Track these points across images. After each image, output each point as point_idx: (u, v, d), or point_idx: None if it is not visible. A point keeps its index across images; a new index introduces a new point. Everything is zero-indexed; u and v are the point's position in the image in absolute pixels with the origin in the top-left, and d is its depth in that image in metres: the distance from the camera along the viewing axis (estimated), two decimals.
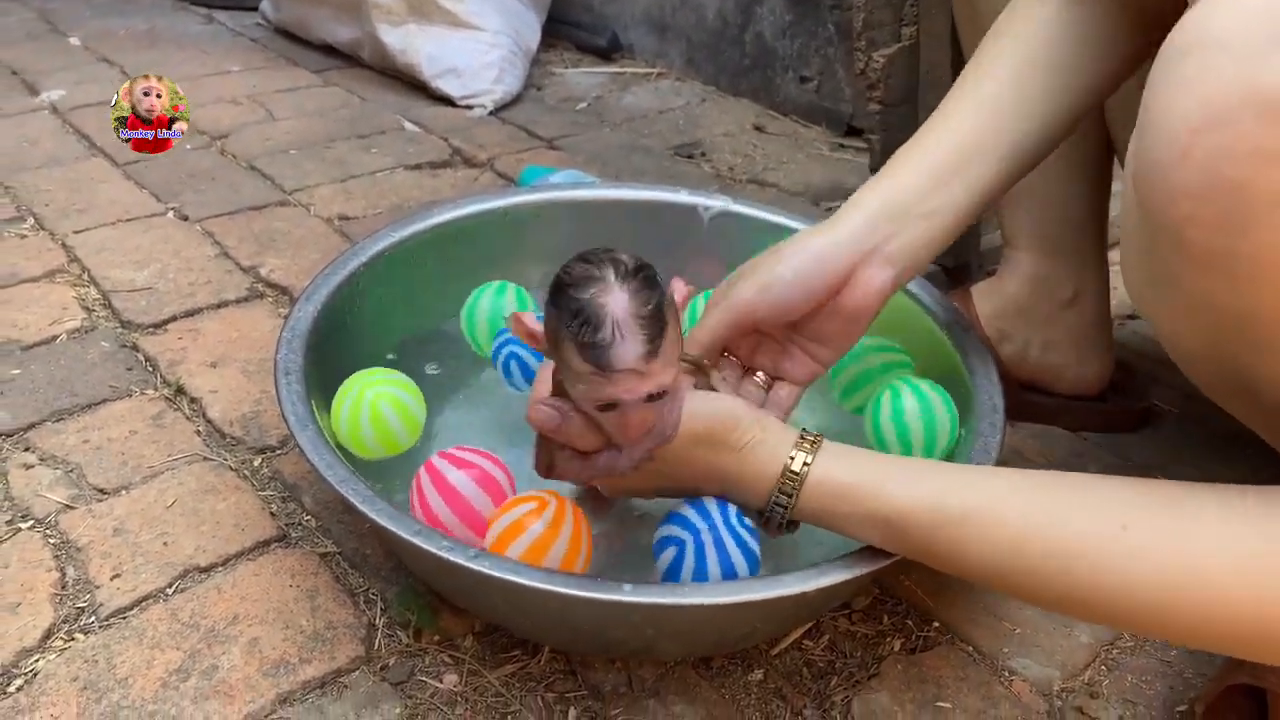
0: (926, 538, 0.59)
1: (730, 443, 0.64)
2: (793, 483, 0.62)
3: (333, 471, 0.67)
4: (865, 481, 0.61)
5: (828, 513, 0.63)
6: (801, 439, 0.63)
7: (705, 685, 0.71)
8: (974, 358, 0.84)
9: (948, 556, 0.59)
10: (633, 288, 0.56)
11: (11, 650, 0.71)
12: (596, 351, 0.55)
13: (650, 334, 0.56)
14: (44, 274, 1.16)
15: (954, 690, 0.72)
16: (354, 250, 0.92)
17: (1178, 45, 0.44)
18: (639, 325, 0.55)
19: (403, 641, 0.73)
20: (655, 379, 0.57)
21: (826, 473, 0.62)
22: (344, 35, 1.90)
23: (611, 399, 0.57)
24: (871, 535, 0.62)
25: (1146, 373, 1.07)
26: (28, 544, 0.80)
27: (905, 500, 0.60)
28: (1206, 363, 0.53)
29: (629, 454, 0.64)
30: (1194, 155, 0.42)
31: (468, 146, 1.57)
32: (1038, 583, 0.56)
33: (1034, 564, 0.55)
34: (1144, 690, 0.73)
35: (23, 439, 0.91)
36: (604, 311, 0.55)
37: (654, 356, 0.56)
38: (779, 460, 0.63)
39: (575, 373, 0.57)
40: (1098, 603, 0.54)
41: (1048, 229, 0.94)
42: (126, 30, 2.05)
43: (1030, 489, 0.58)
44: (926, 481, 0.61)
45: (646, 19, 1.98)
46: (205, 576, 0.78)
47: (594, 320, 0.55)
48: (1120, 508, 0.54)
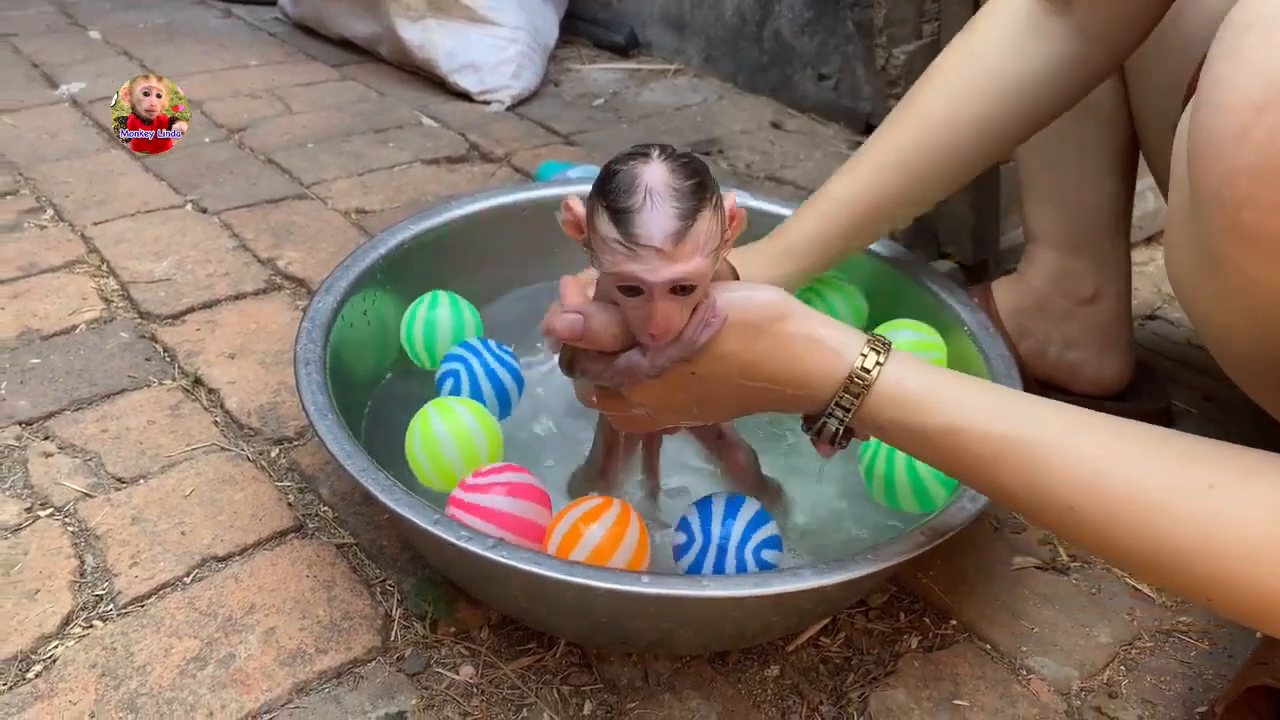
0: (996, 459, 0.55)
1: (779, 335, 0.58)
2: (861, 384, 0.57)
3: (352, 461, 0.67)
4: (939, 393, 0.57)
5: (893, 423, 0.58)
6: (873, 338, 0.59)
7: (721, 680, 0.71)
8: (994, 355, 0.83)
9: (1014, 485, 0.55)
10: (673, 165, 0.54)
11: (31, 636, 0.71)
12: (624, 216, 0.53)
13: (682, 209, 0.53)
14: (63, 264, 1.17)
15: (971, 688, 0.72)
16: (373, 243, 0.92)
17: (1239, 22, 0.43)
18: (673, 196, 0.53)
19: (419, 633, 0.73)
20: (682, 264, 0.53)
21: (898, 378, 0.57)
22: (362, 30, 1.90)
23: (633, 278, 0.54)
24: (936, 451, 0.58)
25: (1166, 373, 1.07)
26: (47, 531, 0.80)
27: (981, 417, 0.56)
28: (1248, 352, 0.52)
29: (652, 357, 0.59)
30: (1254, 133, 0.41)
31: (485, 141, 1.57)
32: (1108, 529, 0.52)
33: (1109, 507, 0.51)
34: (1163, 691, 0.72)
35: (42, 427, 0.91)
36: (640, 179, 0.53)
37: (683, 237, 0.53)
38: (845, 360, 0.58)
39: (603, 241, 0.54)
40: (1170, 564, 0.50)
41: (1071, 226, 0.94)
42: (145, 24, 2.06)
43: (1113, 427, 0.54)
44: (1005, 402, 0.57)
45: (665, 16, 1.98)
46: (223, 566, 0.78)
47: (627, 185, 0.53)
48: (1209, 466, 0.50)
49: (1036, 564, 0.82)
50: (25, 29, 1.98)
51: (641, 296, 0.55)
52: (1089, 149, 0.90)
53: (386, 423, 0.85)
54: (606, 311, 0.59)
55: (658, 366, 0.59)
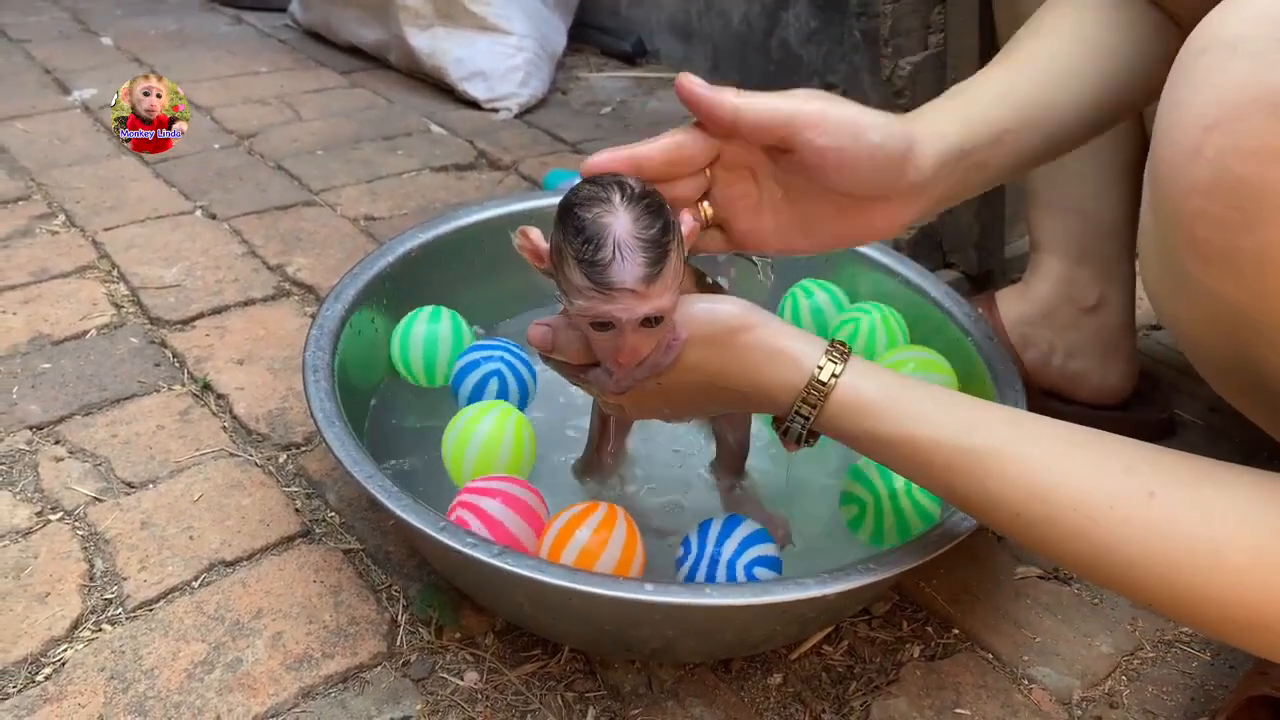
0: (949, 466, 0.57)
1: (740, 347, 0.60)
2: (818, 394, 0.59)
3: (359, 467, 0.67)
4: (894, 401, 0.59)
5: (850, 430, 0.60)
6: (831, 347, 0.60)
7: (724, 688, 0.72)
8: (998, 364, 0.84)
9: (966, 491, 0.57)
10: (637, 211, 0.56)
11: (40, 640, 0.72)
12: (596, 269, 0.55)
13: (651, 257, 0.55)
14: (74, 270, 1.18)
15: (973, 697, 0.72)
16: (381, 250, 0.93)
17: (1194, 47, 0.45)
18: (640, 247, 0.55)
19: (424, 638, 0.74)
20: (653, 301, 0.56)
21: (854, 387, 0.59)
22: (371, 37, 1.91)
23: (608, 317, 0.56)
24: (891, 457, 0.60)
25: (1170, 383, 1.07)
26: (57, 535, 0.81)
27: (934, 425, 0.58)
28: (1219, 359, 0.53)
29: (617, 378, 0.62)
30: (1205, 152, 0.43)
31: (493, 149, 1.58)
32: (1055, 535, 0.54)
33: (1055, 515, 0.54)
34: (1164, 701, 0.73)
35: (53, 432, 0.92)
36: (607, 232, 0.55)
37: (654, 280, 0.55)
38: (804, 369, 0.60)
39: (575, 288, 0.56)
40: (1113, 571, 0.53)
41: (1077, 234, 0.94)
42: (157, 30, 2.07)
43: (1063, 438, 0.56)
44: (958, 410, 0.59)
45: (672, 24, 1.99)
46: (230, 571, 0.79)
47: (596, 238, 0.55)
48: (1151, 473, 0.52)
49: (1039, 573, 0.83)
50: (38, 35, 2.00)
51: (612, 330, 0.57)
52: (1098, 158, 0.91)
53: (384, 428, 0.86)
54: (572, 329, 0.61)
55: (622, 386, 0.62)
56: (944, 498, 0.60)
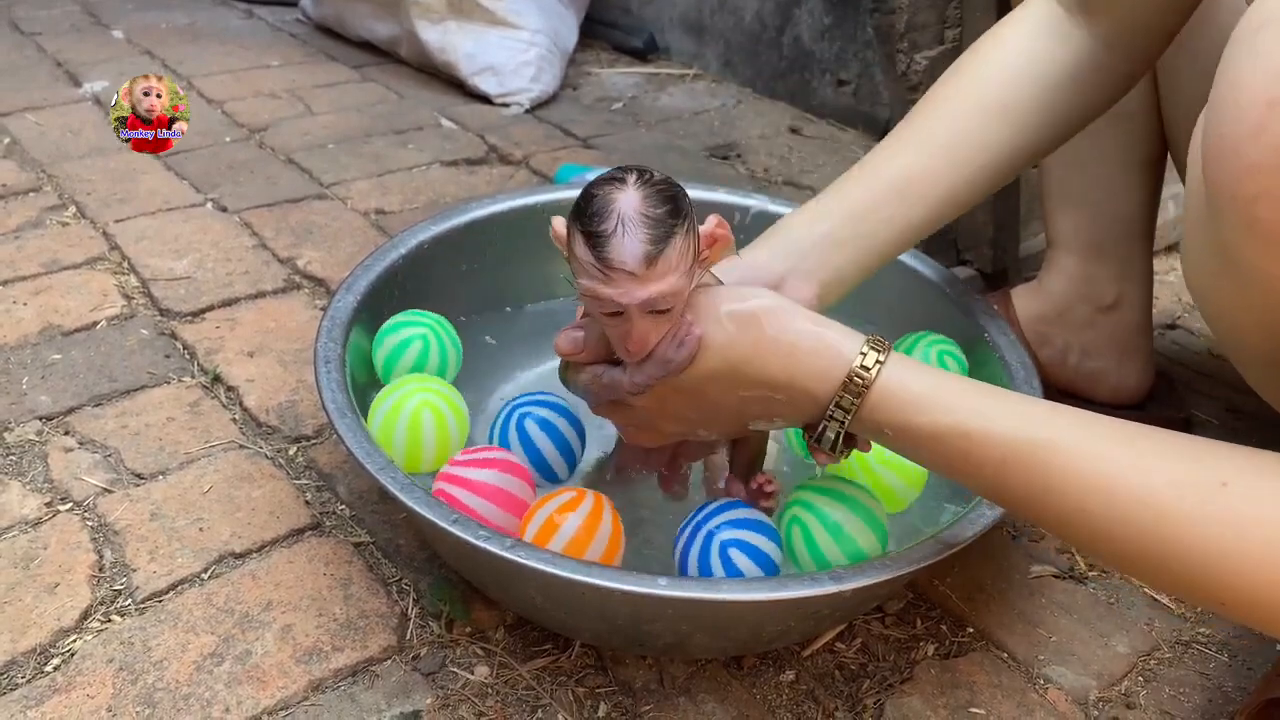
0: (1004, 460, 0.54)
1: (772, 338, 0.58)
2: (860, 384, 0.56)
3: (371, 459, 0.67)
4: (944, 393, 0.56)
5: (895, 422, 0.56)
6: (871, 339, 0.58)
7: (736, 684, 0.71)
8: (1014, 362, 0.83)
9: (1023, 486, 0.54)
10: (648, 190, 0.55)
11: (49, 630, 0.71)
12: (597, 241, 0.54)
13: (654, 234, 0.54)
14: (85, 261, 1.17)
15: (988, 697, 0.71)
16: (393, 242, 0.92)
17: (1253, 23, 0.44)
18: (644, 223, 0.54)
19: (435, 632, 0.73)
20: (653, 286, 0.55)
21: (898, 377, 0.56)
22: (383, 32, 1.91)
23: (607, 299, 0.56)
24: (938, 452, 0.57)
25: (1186, 383, 1.06)
26: (66, 526, 0.81)
27: (987, 417, 0.54)
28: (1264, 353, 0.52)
29: (631, 374, 0.60)
30: (1269, 129, 0.41)
31: (504, 144, 1.58)
32: (1120, 530, 0.51)
33: (1121, 507, 0.50)
34: (1182, 702, 0.72)
35: (62, 423, 0.92)
36: (613, 204, 0.55)
37: (654, 261, 0.54)
38: (844, 358, 0.57)
39: (579, 263, 0.56)
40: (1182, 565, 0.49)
41: (1094, 232, 0.93)
42: (168, 24, 2.07)
43: (1122, 430, 0.54)
44: (1010, 402, 0.56)
45: (684, 20, 1.98)
46: (240, 563, 0.78)
47: (601, 210, 0.55)
48: (1219, 464, 0.49)
49: (1054, 573, 0.82)
50: (50, 28, 2.00)
51: (620, 316, 0.57)
52: (1115, 154, 0.90)
53: None
54: (594, 327, 0.61)
55: (637, 384, 0.60)
56: (997, 498, 0.57)
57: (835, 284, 0.72)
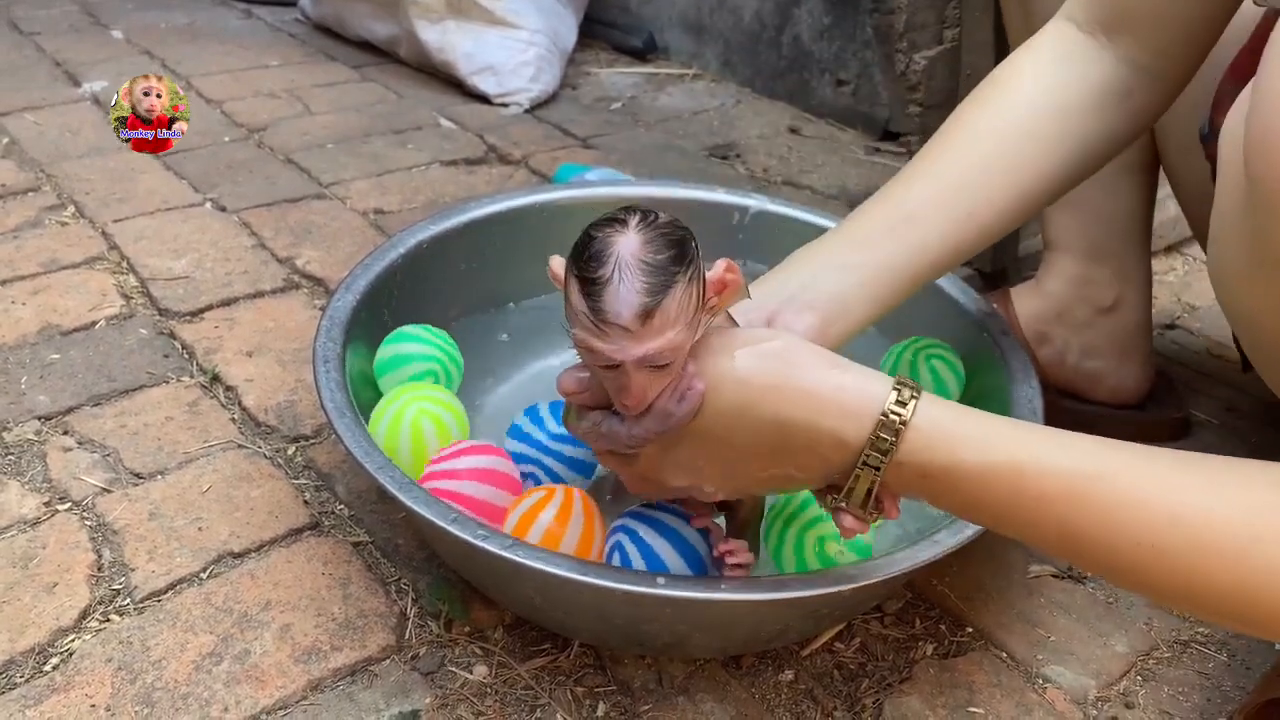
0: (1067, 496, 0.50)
1: (790, 387, 0.53)
2: (896, 421, 0.51)
3: (370, 458, 0.67)
4: (985, 427, 0.52)
5: (938, 466, 0.52)
6: (898, 378, 0.54)
7: (735, 684, 0.71)
8: (1014, 360, 0.83)
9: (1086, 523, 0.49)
10: (650, 235, 0.51)
11: (48, 630, 0.71)
12: (592, 289, 0.51)
13: (652, 284, 0.50)
14: (84, 261, 1.17)
15: (986, 696, 0.71)
16: (392, 242, 0.92)
17: None
18: (643, 270, 0.50)
19: (433, 632, 0.73)
20: (649, 343, 0.51)
21: (936, 414, 0.52)
22: (382, 32, 1.91)
23: (600, 354, 0.52)
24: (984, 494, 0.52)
25: (1185, 383, 1.06)
26: (65, 525, 0.81)
27: (1037, 451, 0.51)
28: None
29: (629, 427, 0.56)
30: None
31: (503, 144, 1.58)
32: (1198, 561, 0.47)
33: (1196, 538, 0.47)
34: (1181, 702, 0.72)
35: (61, 422, 0.92)
36: (611, 249, 0.51)
37: (651, 315, 0.50)
38: (873, 397, 0.52)
39: (573, 311, 0.53)
40: (1268, 595, 0.46)
41: (1092, 233, 0.93)
42: (167, 24, 2.07)
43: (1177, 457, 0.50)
44: (1059, 436, 0.52)
45: (683, 20, 1.98)
46: (239, 562, 0.78)
47: (598, 255, 0.51)
48: None
49: (1053, 572, 0.82)
50: (49, 28, 1.99)
51: (616, 369, 0.53)
52: None
53: None
54: None
55: (635, 438, 0.57)
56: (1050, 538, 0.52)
57: (841, 315, 0.66)
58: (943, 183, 0.69)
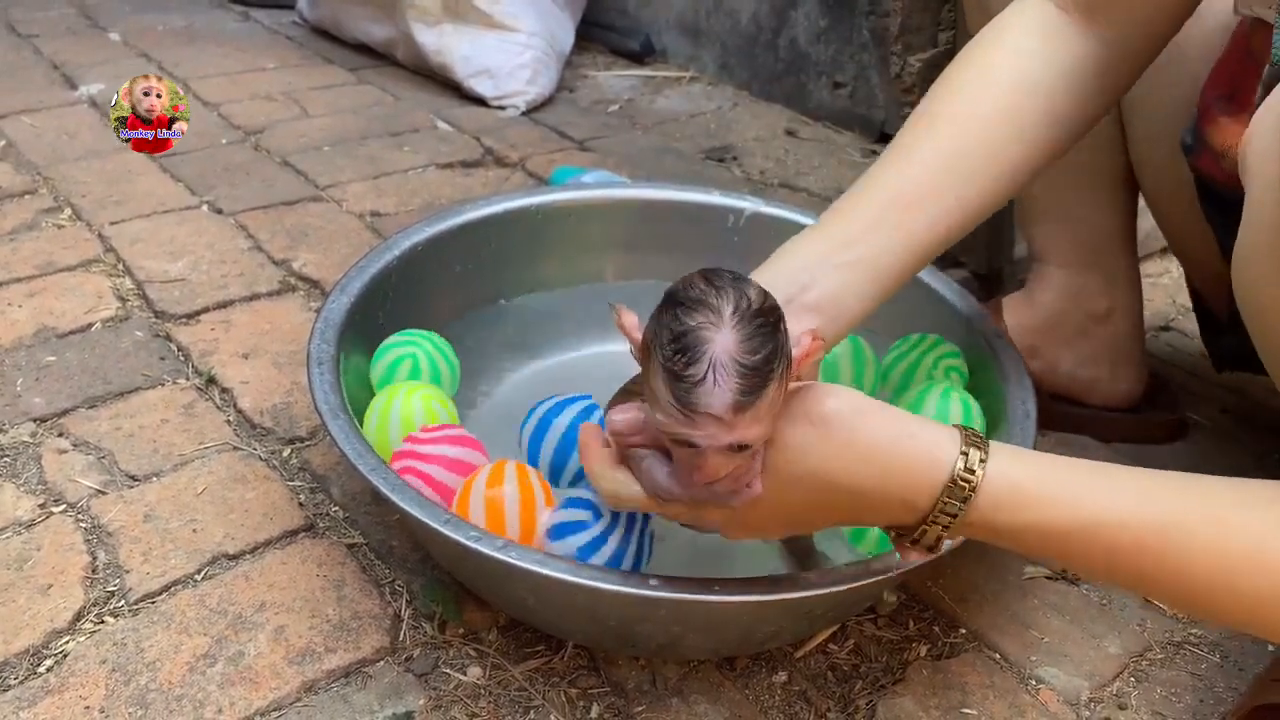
0: (1139, 549, 0.50)
1: (859, 446, 0.54)
2: (967, 488, 0.52)
3: (363, 460, 0.67)
4: (1056, 486, 0.52)
5: (1008, 525, 0.52)
6: (966, 435, 0.53)
7: (729, 685, 0.71)
8: (1007, 363, 0.83)
9: (1159, 570, 0.50)
10: (746, 331, 0.49)
11: (42, 631, 0.71)
12: (683, 387, 0.49)
13: (748, 386, 0.49)
14: (80, 263, 1.17)
15: (980, 697, 0.71)
16: (387, 244, 0.92)
17: None
18: (738, 373, 0.49)
19: (427, 633, 0.73)
20: (740, 433, 0.50)
21: (1005, 474, 0.52)
22: (379, 34, 1.91)
23: (686, 441, 0.51)
24: (1056, 548, 0.53)
25: (1180, 385, 1.06)
26: (60, 528, 0.81)
27: (1112, 505, 0.51)
28: None
29: (673, 485, 0.57)
30: None
31: (500, 146, 1.58)
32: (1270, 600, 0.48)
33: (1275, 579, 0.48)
34: (1173, 703, 0.72)
35: (56, 424, 0.92)
36: (706, 349, 0.49)
37: (745, 409, 0.49)
38: (942, 464, 0.52)
39: (658, 400, 0.51)
40: None
41: (1079, 244, 0.93)
42: (165, 27, 2.07)
43: (1249, 492, 0.50)
44: (1126, 482, 0.52)
45: (680, 23, 1.98)
46: (233, 564, 0.78)
47: (691, 353, 0.49)
48: None
49: (1046, 574, 0.82)
50: (46, 30, 2.00)
51: (694, 450, 0.52)
52: (1090, 170, 0.90)
53: None
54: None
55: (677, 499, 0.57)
56: (1125, 584, 0.53)
57: (839, 315, 0.67)
58: (928, 170, 0.68)
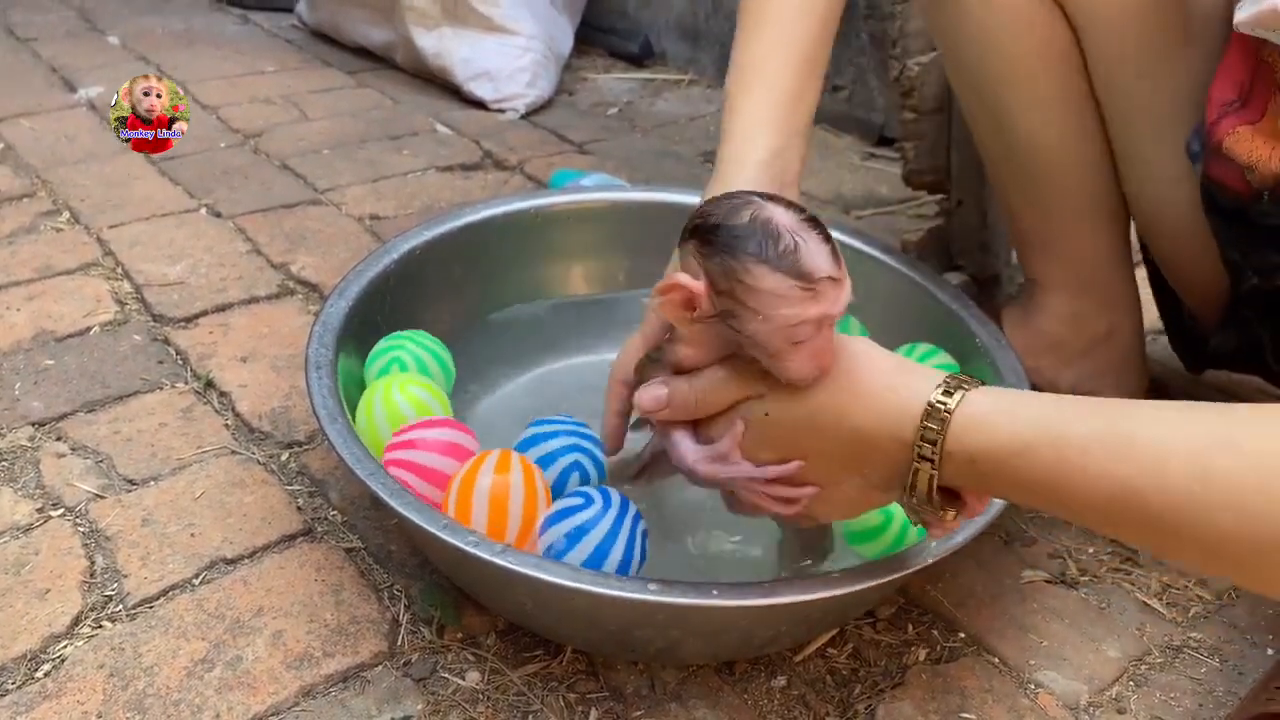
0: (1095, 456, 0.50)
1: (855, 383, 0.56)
2: (941, 410, 0.53)
3: (361, 465, 0.67)
4: (1024, 403, 0.53)
5: (978, 452, 0.53)
6: (955, 376, 0.56)
7: (728, 690, 0.71)
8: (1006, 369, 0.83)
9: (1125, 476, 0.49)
10: (781, 204, 0.55)
11: (40, 636, 0.71)
12: (788, 260, 0.52)
13: (823, 232, 0.54)
14: (79, 267, 1.17)
15: (979, 701, 0.71)
16: (386, 248, 0.92)
17: None
18: (805, 225, 0.53)
19: (426, 638, 0.73)
20: (848, 283, 0.54)
21: (981, 401, 0.53)
22: (378, 38, 1.91)
23: (820, 317, 0.53)
24: (1028, 474, 0.52)
25: (1180, 389, 1.06)
26: (58, 532, 0.80)
27: (1081, 415, 0.51)
28: None
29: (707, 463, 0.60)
30: None
31: (499, 149, 1.58)
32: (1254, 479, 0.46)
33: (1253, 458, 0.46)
34: (1172, 707, 0.72)
35: (55, 428, 0.92)
36: (773, 222, 0.53)
37: (839, 257, 0.53)
38: (924, 393, 0.54)
39: (770, 298, 0.53)
40: None
41: (1076, 270, 0.92)
42: (164, 30, 2.07)
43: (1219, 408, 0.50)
44: (1099, 405, 0.52)
45: (679, 26, 1.98)
46: (231, 568, 0.78)
47: (768, 231, 0.53)
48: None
49: (1045, 578, 0.82)
50: (45, 34, 2.00)
51: (801, 345, 0.54)
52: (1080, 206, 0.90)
53: None
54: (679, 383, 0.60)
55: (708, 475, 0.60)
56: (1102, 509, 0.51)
57: (797, 177, 0.76)
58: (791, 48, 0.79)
